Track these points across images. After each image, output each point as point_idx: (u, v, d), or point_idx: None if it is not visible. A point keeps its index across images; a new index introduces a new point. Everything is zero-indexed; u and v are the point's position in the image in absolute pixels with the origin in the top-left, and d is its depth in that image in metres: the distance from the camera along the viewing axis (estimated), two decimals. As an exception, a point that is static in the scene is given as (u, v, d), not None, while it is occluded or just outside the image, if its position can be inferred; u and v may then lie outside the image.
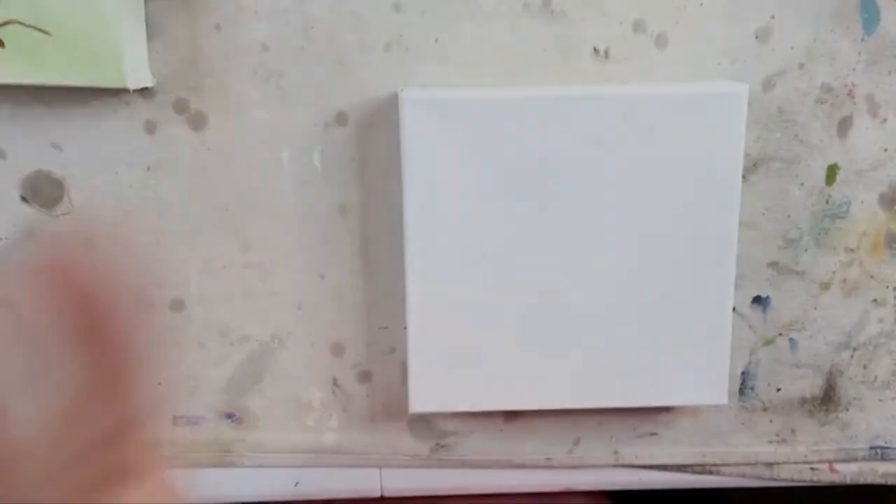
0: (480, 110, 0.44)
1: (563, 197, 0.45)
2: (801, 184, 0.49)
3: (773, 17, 0.47)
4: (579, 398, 0.49)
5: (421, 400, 0.49)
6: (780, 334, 0.52)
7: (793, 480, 0.55)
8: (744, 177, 0.49)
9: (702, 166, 0.45)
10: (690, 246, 0.46)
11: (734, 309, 0.52)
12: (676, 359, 0.48)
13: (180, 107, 0.47)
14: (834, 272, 0.51)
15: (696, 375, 0.49)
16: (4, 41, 0.42)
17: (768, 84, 0.48)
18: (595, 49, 0.47)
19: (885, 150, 0.49)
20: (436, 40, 0.47)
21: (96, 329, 0.29)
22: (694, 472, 0.55)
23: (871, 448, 0.55)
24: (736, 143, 0.45)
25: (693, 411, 0.54)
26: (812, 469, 0.55)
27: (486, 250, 0.46)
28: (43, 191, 0.48)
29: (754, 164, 0.49)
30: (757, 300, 0.52)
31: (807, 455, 0.55)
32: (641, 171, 0.45)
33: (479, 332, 0.48)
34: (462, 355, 0.48)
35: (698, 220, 0.46)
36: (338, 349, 0.52)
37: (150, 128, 0.48)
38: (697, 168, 0.45)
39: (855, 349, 0.53)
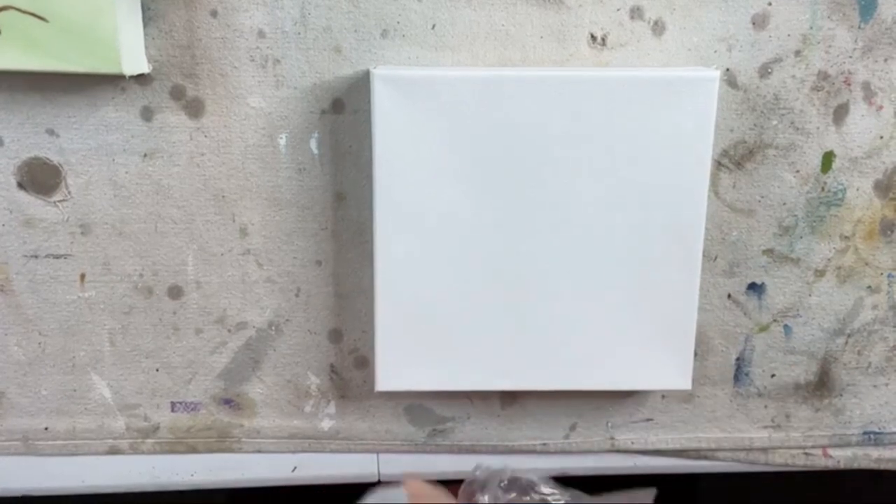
0: (450, 88, 0.44)
1: (533, 176, 0.45)
2: (797, 171, 0.49)
3: (769, 3, 0.47)
4: (541, 380, 0.50)
5: (387, 378, 0.49)
6: (775, 321, 0.53)
7: (787, 465, 0.56)
8: (739, 164, 0.49)
9: (672, 151, 0.45)
10: (658, 232, 0.46)
11: (729, 296, 0.52)
12: (641, 342, 0.49)
13: (177, 93, 0.47)
14: (829, 259, 0.51)
15: (660, 360, 0.49)
16: (1, 27, 0.42)
17: (765, 71, 0.48)
18: (592, 35, 0.47)
19: (881, 137, 0.49)
20: (433, 27, 0.47)
21: None
22: (689, 458, 0.55)
23: (865, 433, 0.55)
24: (706, 129, 0.45)
25: (688, 397, 0.54)
26: (806, 454, 0.56)
27: (455, 229, 0.46)
28: (39, 177, 0.48)
29: (750, 152, 0.49)
30: (752, 287, 0.52)
31: (801, 440, 0.55)
32: (611, 153, 0.45)
33: (446, 310, 0.48)
34: (429, 334, 0.48)
35: (668, 206, 0.46)
36: (335, 335, 0.52)
37: (146, 114, 0.47)
38: (668, 153, 0.45)
39: (849, 336, 0.53)
